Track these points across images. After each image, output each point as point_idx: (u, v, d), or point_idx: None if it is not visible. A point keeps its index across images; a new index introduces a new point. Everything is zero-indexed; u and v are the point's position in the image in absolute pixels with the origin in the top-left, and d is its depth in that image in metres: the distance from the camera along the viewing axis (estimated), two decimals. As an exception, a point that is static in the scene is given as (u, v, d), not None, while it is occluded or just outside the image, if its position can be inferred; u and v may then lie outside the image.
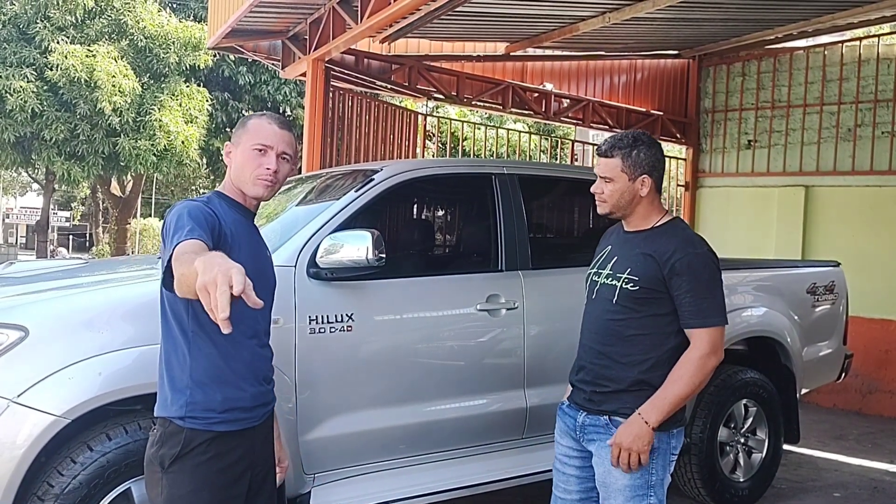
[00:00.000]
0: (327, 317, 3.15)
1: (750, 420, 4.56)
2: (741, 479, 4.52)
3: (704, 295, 2.42)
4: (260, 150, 2.17)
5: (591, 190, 2.60)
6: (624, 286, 2.49)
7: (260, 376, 2.19)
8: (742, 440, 4.55)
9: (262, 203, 2.30)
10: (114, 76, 13.46)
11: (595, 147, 11.14)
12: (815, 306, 5.04)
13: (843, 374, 5.40)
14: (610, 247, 2.67)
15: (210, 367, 2.07)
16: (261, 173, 2.17)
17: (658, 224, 2.56)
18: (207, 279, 1.53)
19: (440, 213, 4.98)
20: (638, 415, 2.39)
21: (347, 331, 3.20)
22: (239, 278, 1.51)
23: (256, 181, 2.18)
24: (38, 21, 13.91)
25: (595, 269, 2.67)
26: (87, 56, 13.39)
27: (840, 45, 8.62)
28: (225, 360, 2.08)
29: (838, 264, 5.40)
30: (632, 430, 2.38)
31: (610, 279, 2.55)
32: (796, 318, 4.85)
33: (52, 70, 13.29)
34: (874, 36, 8.44)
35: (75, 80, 13.24)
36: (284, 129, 2.23)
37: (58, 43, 13.47)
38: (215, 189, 2.26)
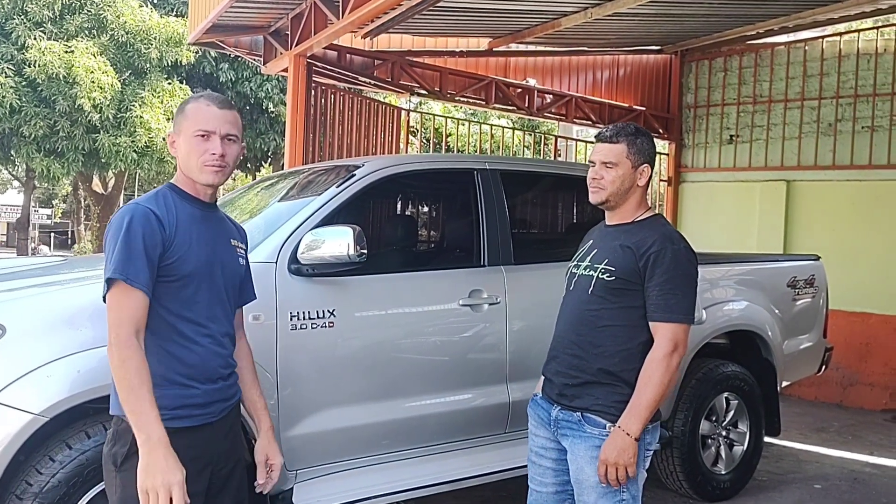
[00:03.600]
0: (308, 313, 3.14)
1: (731, 413, 4.60)
2: (723, 472, 4.55)
3: (674, 290, 2.42)
4: (203, 136, 2.09)
5: (591, 176, 2.56)
6: (600, 276, 2.50)
7: (214, 375, 2.13)
8: (724, 433, 4.58)
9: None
10: (92, 72, 13.33)
11: (578, 141, 11.18)
12: (796, 300, 5.08)
13: (824, 367, 5.46)
14: (591, 241, 2.69)
15: (160, 365, 2.03)
16: (207, 159, 2.09)
17: (639, 218, 2.57)
18: (149, 485, 1.85)
19: (422, 208, 4.98)
20: (619, 428, 2.38)
21: (329, 327, 3.19)
22: (178, 497, 1.86)
23: (204, 168, 2.10)
24: (14, 16, 13.75)
25: (575, 263, 2.68)
26: (65, 52, 13.26)
27: (820, 40, 8.69)
28: (175, 360, 2.06)
29: (818, 258, 5.45)
30: (616, 445, 2.37)
31: (588, 270, 2.56)
32: (777, 311, 4.89)
33: (30, 66, 13.15)
34: (854, 31, 8.51)
35: (53, 76, 13.10)
36: (225, 108, 2.13)
37: (34, 39, 13.33)
38: (169, 182, 2.19)
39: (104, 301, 2.03)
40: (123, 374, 1.92)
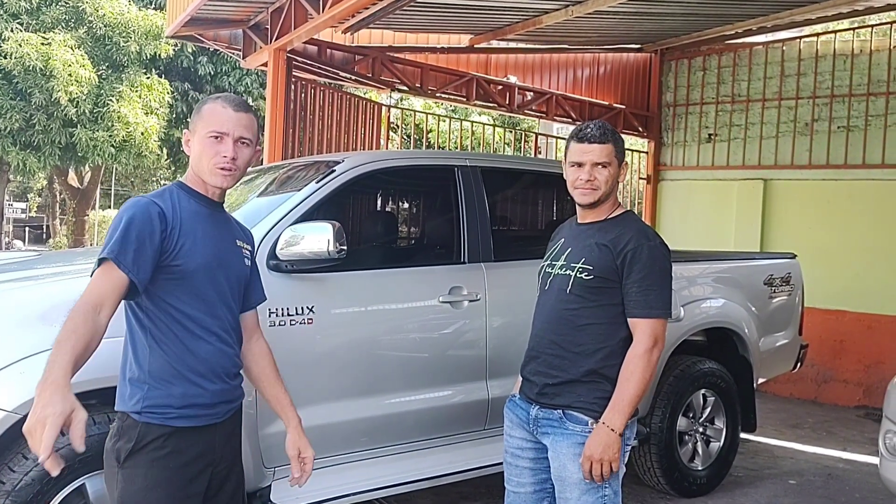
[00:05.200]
0: (287, 309, 3.12)
1: (708, 409, 4.64)
2: (700, 468, 4.59)
3: (652, 286, 2.45)
4: (216, 138, 2.11)
5: (581, 178, 2.53)
6: (578, 275, 2.51)
7: (222, 373, 2.14)
8: (701, 429, 4.62)
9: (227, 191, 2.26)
10: (70, 65, 13.15)
11: (558, 139, 11.21)
12: (772, 297, 5.14)
13: (799, 364, 5.52)
14: (563, 240, 2.68)
15: (168, 362, 2.04)
16: (218, 161, 2.11)
17: (612, 216, 2.59)
18: (27, 426, 1.67)
19: (402, 204, 4.96)
20: (603, 424, 2.40)
21: (308, 324, 3.18)
22: (50, 427, 1.66)
23: (214, 170, 2.12)
24: (-10, 7, 13.55)
25: (548, 262, 2.68)
26: (42, 44, 13.07)
27: (798, 40, 8.77)
28: (183, 357, 2.06)
29: (794, 256, 5.51)
30: (601, 441, 2.38)
31: (564, 269, 2.57)
32: (754, 309, 4.93)
33: (5, 58, 12.96)
34: (831, 32, 8.60)
35: (30, 68, 12.92)
36: (241, 111, 2.15)
37: (11, 30, 13.13)
38: (178, 179, 2.21)
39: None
40: (60, 333, 1.84)
